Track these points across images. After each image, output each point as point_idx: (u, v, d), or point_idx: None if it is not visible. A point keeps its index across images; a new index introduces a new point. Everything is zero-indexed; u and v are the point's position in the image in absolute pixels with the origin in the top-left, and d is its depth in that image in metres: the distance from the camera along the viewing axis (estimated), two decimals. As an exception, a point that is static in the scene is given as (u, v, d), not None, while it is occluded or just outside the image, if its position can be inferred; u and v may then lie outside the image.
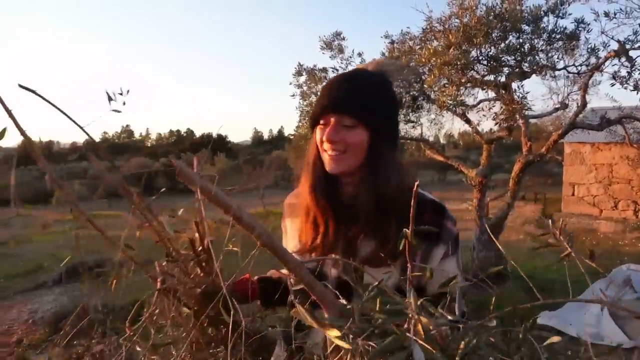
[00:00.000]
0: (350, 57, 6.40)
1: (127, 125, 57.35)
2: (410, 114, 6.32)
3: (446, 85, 4.83)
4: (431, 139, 7.43)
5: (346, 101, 1.10)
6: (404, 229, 0.72)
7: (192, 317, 0.99)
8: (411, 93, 6.27)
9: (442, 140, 30.00)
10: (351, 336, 0.61)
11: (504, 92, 4.84)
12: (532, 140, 6.16)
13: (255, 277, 1.30)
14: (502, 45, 4.49)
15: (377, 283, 0.69)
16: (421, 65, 4.81)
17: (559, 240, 0.71)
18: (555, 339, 0.68)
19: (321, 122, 1.14)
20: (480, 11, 4.38)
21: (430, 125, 6.98)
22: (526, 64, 4.55)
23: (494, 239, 1.15)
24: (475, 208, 6.64)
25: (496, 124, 5.29)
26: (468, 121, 6.37)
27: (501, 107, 4.98)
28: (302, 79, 6.98)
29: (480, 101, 6.00)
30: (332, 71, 6.64)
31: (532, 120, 6.48)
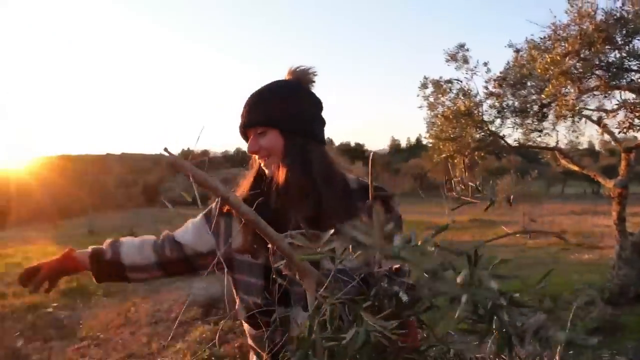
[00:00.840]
0: (475, 67, 6.45)
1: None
2: (537, 122, 6.11)
3: (566, 95, 4.68)
4: (585, 145, 7.03)
5: (252, 114, 1.24)
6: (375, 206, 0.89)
7: None
8: (542, 102, 6.09)
9: (597, 148, 27.28)
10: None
11: (635, 97, 4.54)
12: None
13: (90, 248, 1.36)
14: (626, 49, 4.24)
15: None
16: (543, 75, 4.73)
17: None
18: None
19: (248, 137, 1.27)
20: (600, 16, 4.21)
21: (567, 132, 6.68)
22: (655, 68, 4.24)
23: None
24: (614, 222, 6.19)
25: (619, 132, 4.95)
26: (604, 127, 5.97)
27: (625, 115, 4.67)
28: (428, 90, 7.17)
29: (620, 107, 5.62)
30: (457, 82, 6.73)
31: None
